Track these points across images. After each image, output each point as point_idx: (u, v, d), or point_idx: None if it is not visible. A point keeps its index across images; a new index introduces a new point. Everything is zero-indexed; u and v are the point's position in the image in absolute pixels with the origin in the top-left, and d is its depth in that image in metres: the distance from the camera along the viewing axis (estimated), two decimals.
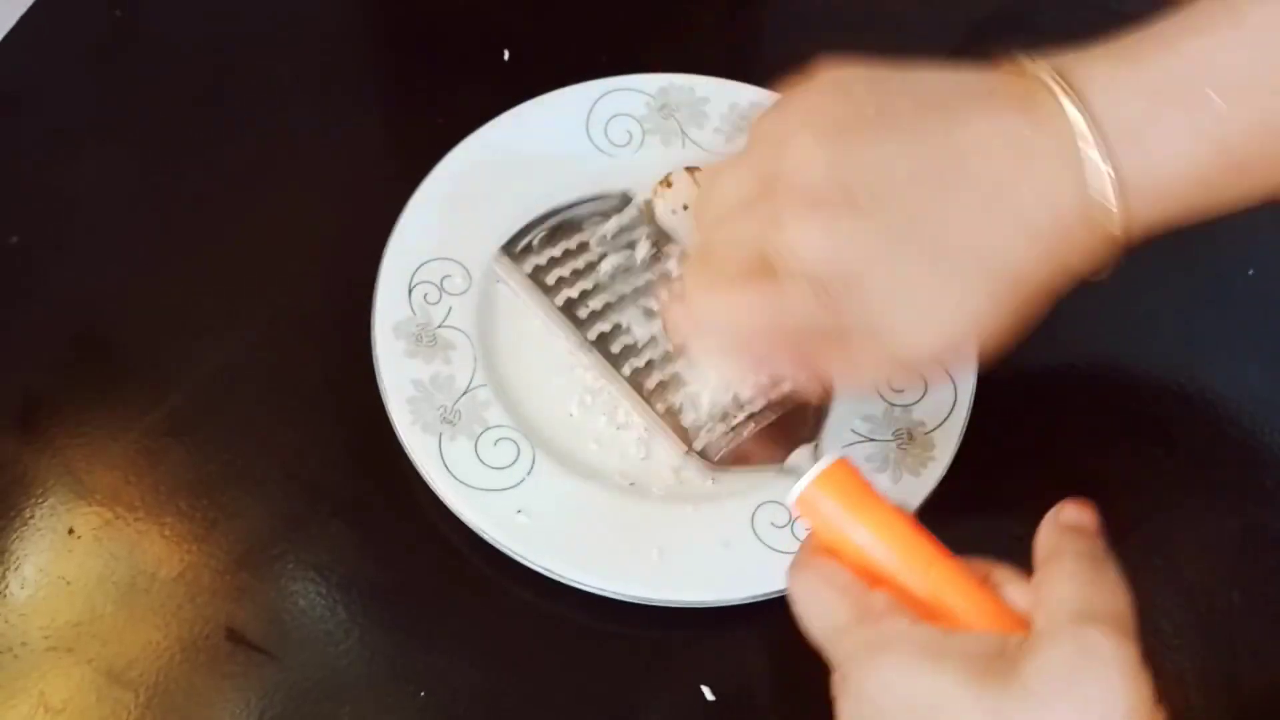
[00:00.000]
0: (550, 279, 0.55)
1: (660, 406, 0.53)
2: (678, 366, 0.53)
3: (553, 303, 0.55)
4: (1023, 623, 0.43)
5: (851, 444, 0.59)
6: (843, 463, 0.48)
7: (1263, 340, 0.66)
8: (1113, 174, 0.42)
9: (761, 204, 0.44)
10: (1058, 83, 0.42)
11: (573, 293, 0.55)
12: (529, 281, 0.55)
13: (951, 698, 0.40)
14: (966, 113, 0.43)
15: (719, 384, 0.54)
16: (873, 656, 0.42)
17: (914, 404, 0.60)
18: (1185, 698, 0.57)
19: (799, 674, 0.45)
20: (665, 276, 0.58)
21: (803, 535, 0.56)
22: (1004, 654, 0.41)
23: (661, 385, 0.53)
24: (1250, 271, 0.68)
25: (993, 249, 0.43)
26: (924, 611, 0.44)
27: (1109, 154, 0.42)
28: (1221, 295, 0.67)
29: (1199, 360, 0.65)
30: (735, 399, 0.53)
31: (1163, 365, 0.65)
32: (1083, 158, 0.42)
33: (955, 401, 0.60)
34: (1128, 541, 0.60)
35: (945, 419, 0.60)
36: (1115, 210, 0.43)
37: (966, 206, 0.43)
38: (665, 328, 0.50)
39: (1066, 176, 0.42)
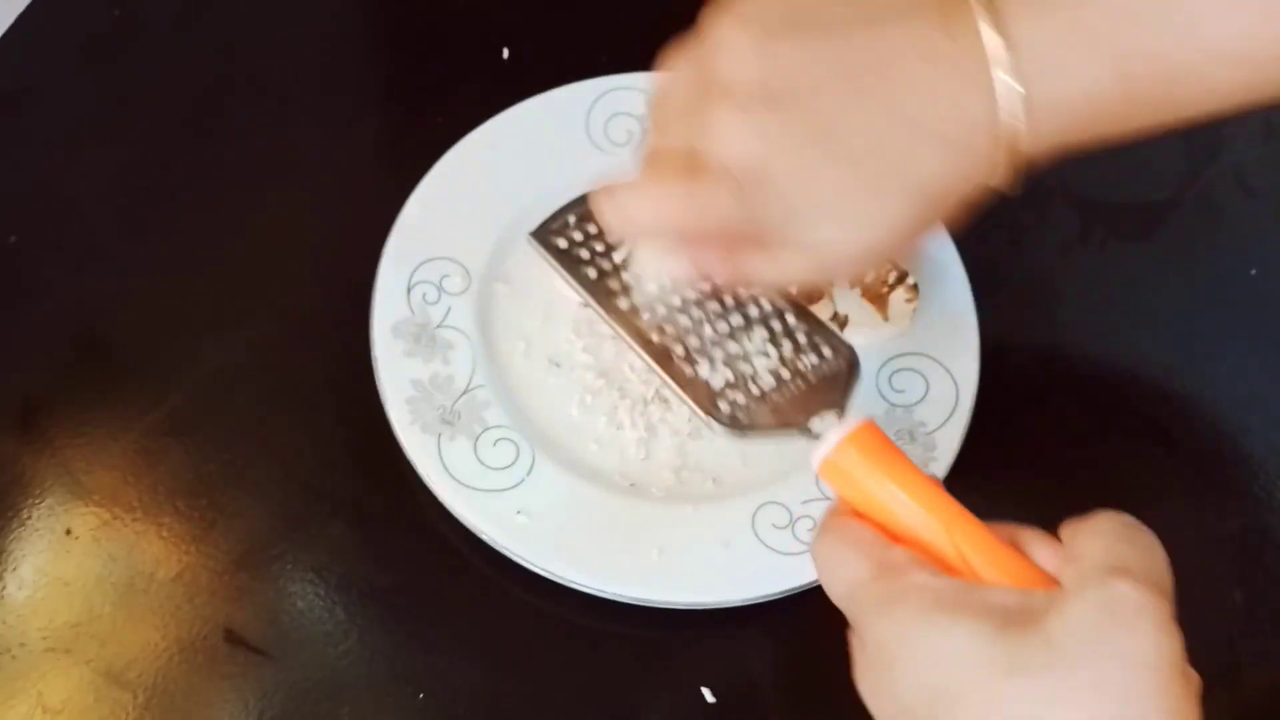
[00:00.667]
0: (583, 254, 0.55)
1: (686, 374, 0.52)
2: (706, 335, 0.54)
3: (585, 277, 0.54)
4: (1050, 582, 0.42)
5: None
6: (869, 424, 0.47)
7: (1263, 340, 0.66)
8: (1022, 92, 0.43)
9: (697, 105, 0.45)
10: (981, 3, 0.43)
11: (605, 266, 0.55)
12: (561, 259, 0.55)
13: (966, 649, 0.39)
14: (890, 24, 0.44)
15: (658, 273, 0.54)
16: (888, 607, 0.41)
17: (915, 404, 0.60)
18: None
19: (799, 675, 0.45)
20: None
21: (805, 537, 0.56)
22: (1027, 608, 0.39)
23: (687, 354, 0.53)
24: (1252, 271, 0.68)
25: (904, 156, 0.44)
26: (949, 569, 0.43)
27: (1020, 75, 0.43)
28: (1222, 295, 0.67)
29: (1199, 360, 0.65)
30: (758, 364, 0.53)
31: (1163, 365, 0.65)
32: (993, 76, 0.43)
33: (957, 402, 0.60)
34: None
35: (947, 419, 0.60)
36: (1022, 128, 0.43)
37: (882, 112, 0.44)
38: (597, 219, 0.51)
39: (977, 92, 0.43)
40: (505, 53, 0.71)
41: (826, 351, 0.53)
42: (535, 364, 0.61)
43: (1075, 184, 0.69)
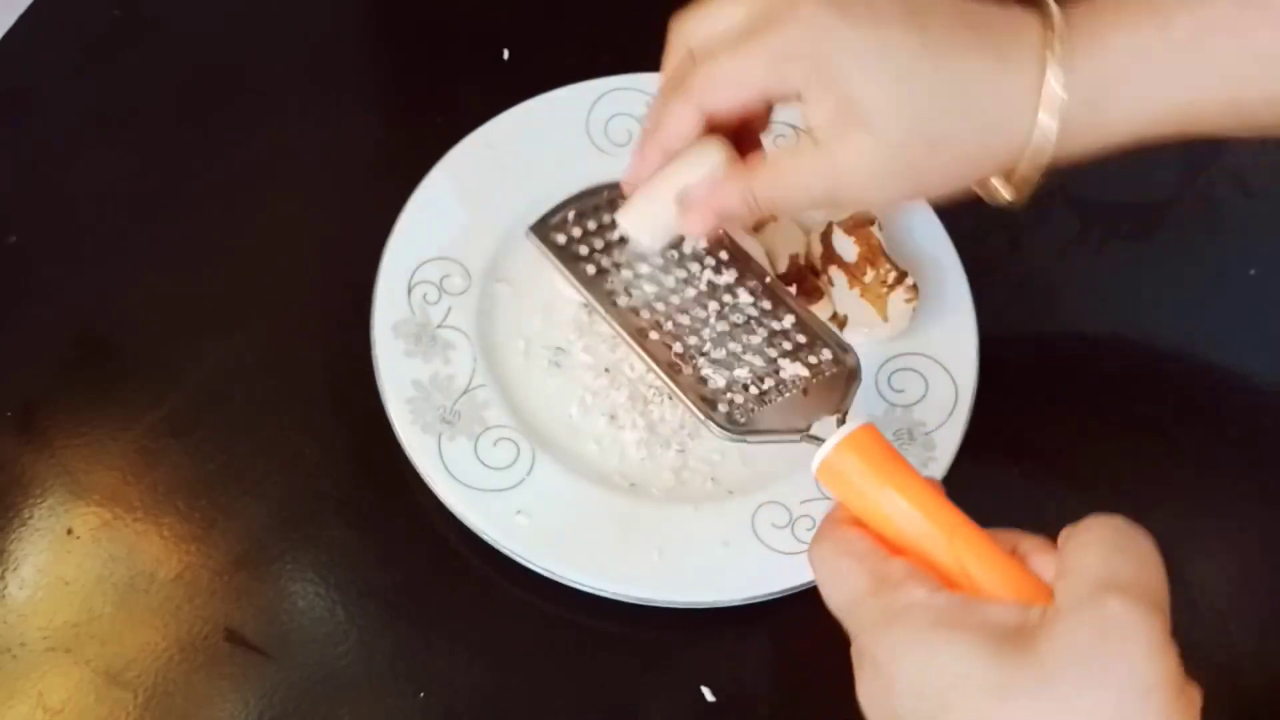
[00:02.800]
0: (581, 250, 0.55)
1: (684, 374, 0.52)
2: (705, 335, 0.53)
3: (583, 273, 0.54)
4: (1048, 593, 0.41)
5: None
6: (868, 428, 0.47)
7: (1264, 340, 0.66)
8: (1058, 118, 0.47)
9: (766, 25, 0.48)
10: (1053, 46, 0.46)
11: (602, 263, 0.55)
12: (558, 254, 0.55)
13: (963, 670, 0.39)
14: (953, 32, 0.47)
15: (655, 228, 0.54)
16: (888, 625, 0.41)
17: (915, 404, 0.60)
18: None
19: (799, 675, 0.45)
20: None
21: (805, 536, 0.56)
22: (1023, 626, 0.39)
23: (686, 353, 0.53)
24: (1251, 271, 0.68)
25: (967, 127, 0.47)
26: (947, 580, 0.43)
27: (1067, 116, 0.46)
28: (1221, 295, 0.67)
29: (1199, 360, 0.65)
30: (757, 366, 0.53)
31: (1163, 364, 0.65)
32: (1045, 104, 0.46)
33: (956, 402, 0.60)
34: None
35: (946, 419, 0.60)
36: (1051, 150, 0.47)
37: (952, 82, 0.47)
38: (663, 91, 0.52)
39: (1027, 112, 0.47)
40: (505, 53, 0.71)
41: (827, 354, 0.53)
42: (535, 364, 0.61)
43: (1075, 184, 0.69)
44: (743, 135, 0.53)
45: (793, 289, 0.61)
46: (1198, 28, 0.46)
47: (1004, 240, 0.68)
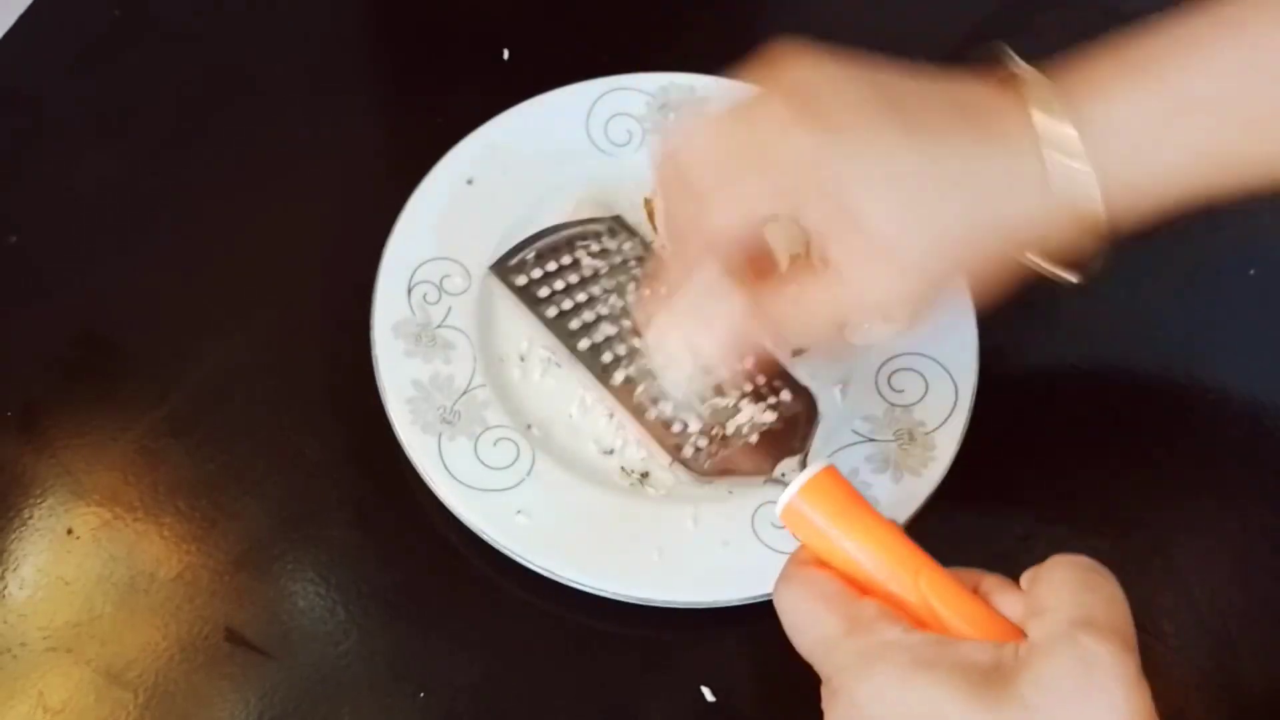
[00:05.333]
0: (541, 293, 0.56)
1: (649, 416, 0.53)
2: (666, 378, 0.54)
3: (544, 315, 0.55)
4: (1016, 632, 0.42)
5: (852, 444, 0.59)
6: (829, 471, 0.47)
7: (1263, 340, 0.66)
8: (1096, 180, 0.45)
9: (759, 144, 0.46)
10: (1050, 105, 0.45)
11: (564, 305, 0.56)
12: (520, 295, 0.56)
13: (947, 709, 0.39)
14: (937, 125, 0.46)
15: (691, 369, 0.54)
16: (865, 666, 0.41)
17: (915, 404, 0.60)
18: (1186, 698, 0.57)
19: (799, 675, 0.45)
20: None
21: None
22: (1000, 665, 0.40)
23: (650, 396, 0.54)
24: (1251, 271, 0.68)
25: (976, 214, 0.46)
26: (915, 620, 0.43)
27: (1098, 167, 0.45)
28: (1222, 295, 0.67)
29: (1199, 360, 0.65)
30: (720, 408, 0.53)
31: (1163, 365, 0.65)
32: (1063, 170, 0.45)
33: (956, 402, 0.60)
34: (1128, 541, 0.60)
35: (946, 419, 0.60)
36: (1100, 212, 0.46)
37: (961, 185, 0.46)
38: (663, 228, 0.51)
39: (1032, 184, 0.45)
40: (505, 53, 0.71)
41: (786, 395, 0.54)
42: (535, 364, 0.61)
43: None
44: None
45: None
46: (1199, 85, 0.45)
47: None
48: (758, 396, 0.54)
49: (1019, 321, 0.66)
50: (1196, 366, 0.65)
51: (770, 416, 0.53)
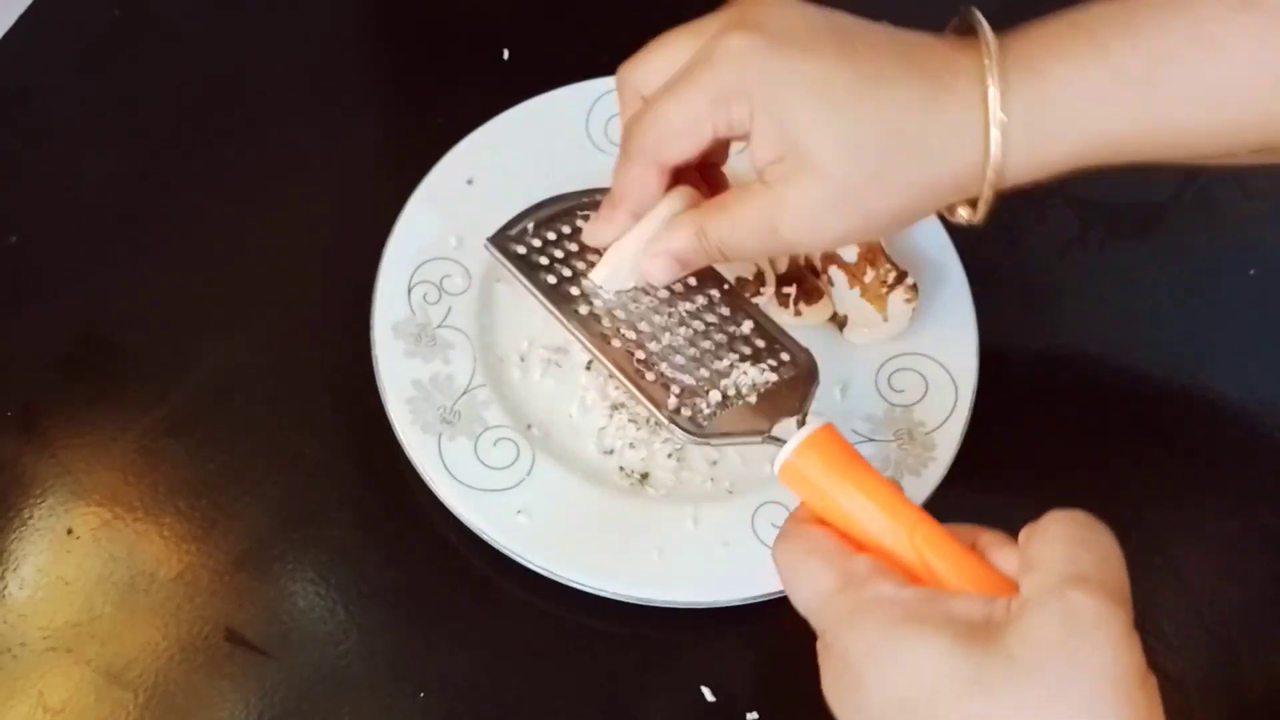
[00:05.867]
0: (541, 260, 0.55)
1: (647, 378, 0.53)
2: (665, 342, 0.54)
3: (543, 283, 0.55)
4: (1011, 587, 0.42)
5: (852, 444, 0.59)
6: (827, 428, 0.47)
7: (1263, 340, 0.66)
8: (1001, 155, 0.46)
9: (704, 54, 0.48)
10: (992, 71, 0.46)
11: (564, 273, 0.55)
12: (517, 265, 0.55)
13: (933, 663, 0.39)
14: (894, 74, 0.47)
15: (619, 276, 0.54)
16: (856, 620, 0.41)
17: (915, 404, 0.61)
18: (1185, 697, 0.57)
19: (799, 675, 0.45)
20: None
21: None
22: (990, 619, 0.40)
23: (648, 358, 0.53)
24: (1251, 271, 0.68)
25: (910, 161, 0.47)
26: (910, 576, 0.43)
27: (1008, 139, 0.46)
28: (1222, 295, 0.67)
29: (1199, 360, 0.65)
30: (718, 369, 0.53)
31: (1163, 365, 0.65)
32: (990, 138, 0.46)
33: (956, 402, 0.60)
34: (1128, 541, 0.60)
35: (946, 419, 0.60)
36: (991, 184, 0.47)
37: (890, 114, 0.46)
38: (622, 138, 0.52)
39: (970, 144, 0.46)
40: (505, 53, 0.71)
41: (785, 356, 0.54)
42: (535, 364, 0.61)
43: (1075, 184, 0.69)
44: (713, 175, 0.54)
45: (792, 289, 0.61)
46: (1139, 58, 0.45)
47: (1004, 240, 0.68)
48: (757, 357, 0.53)
49: (1019, 322, 0.66)
50: (1196, 366, 0.65)
51: (770, 377, 0.53)
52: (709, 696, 0.56)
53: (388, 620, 0.57)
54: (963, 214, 0.49)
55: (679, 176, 0.52)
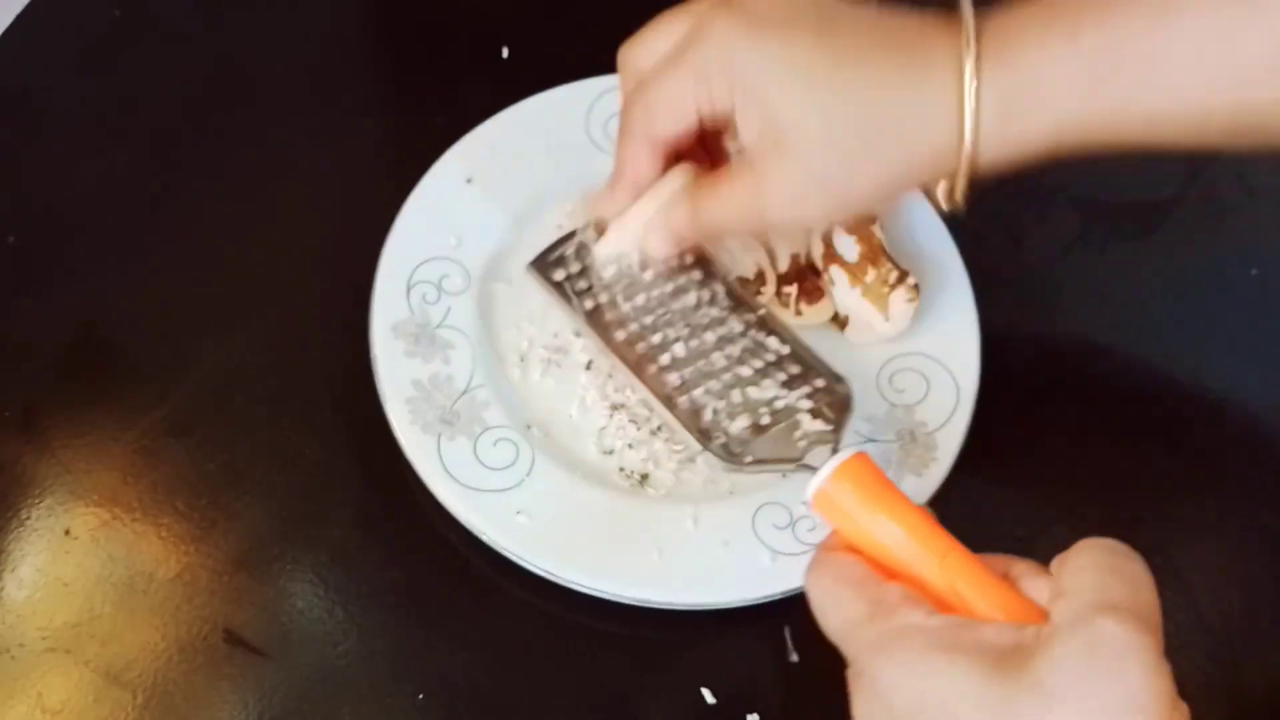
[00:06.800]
0: (580, 286, 0.56)
1: (681, 405, 0.53)
2: (700, 367, 0.54)
3: (582, 309, 0.55)
4: (1042, 615, 0.42)
5: (853, 445, 0.59)
6: (860, 456, 0.48)
7: (1265, 340, 0.66)
8: (969, 133, 0.47)
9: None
10: (969, 55, 0.46)
11: (601, 299, 0.56)
12: (558, 291, 0.56)
13: (962, 691, 0.39)
14: (872, 52, 0.48)
15: (618, 253, 0.56)
16: (886, 649, 0.42)
17: (916, 404, 0.60)
18: (1186, 698, 0.57)
19: (799, 675, 0.45)
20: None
21: (805, 537, 0.56)
22: (1019, 646, 0.40)
23: (683, 384, 0.54)
24: (1253, 271, 0.68)
25: (886, 141, 0.48)
26: (940, 604, 0.43)
27: (981, 122, 0.47)
28: (1224, 295, 0.67)
29: (1201, 360, 0.65)
30: (752, 397, 0.53)
31: (1164, 365, 0.65)
32: (965, 121, 0.47)
33: (958, 402, 0.60)
34: (1128, 541, 0.60)
35: (948, 419, 0.60)
36: (965, 167, 0.48)
37: (865, 96, 0.47)
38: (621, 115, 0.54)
39: (945, 125, 0.47)
40: (505, 52, 0.71)
41: (820, 383, 0.54)
42: (535, 364, 0.61)
43: (1075, 184, 0.69)
44: (715, 153, 0.55)
45: (793, 288, 0.61)
46: (1108, 42, 0.46)
47: (1006, 240, 0.68)
48: (791, 383, 0.54)
49: (1021, 321, 0.66)
50: (1197, 366, 0.65)
51: (805, 404, 0.53)
52: (709, 697, 0.56)
53: (388, 620, 0.57)
54: (941, 200, 0.50)
55: (686, 155, 0.54)
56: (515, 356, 0.61)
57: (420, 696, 0.55)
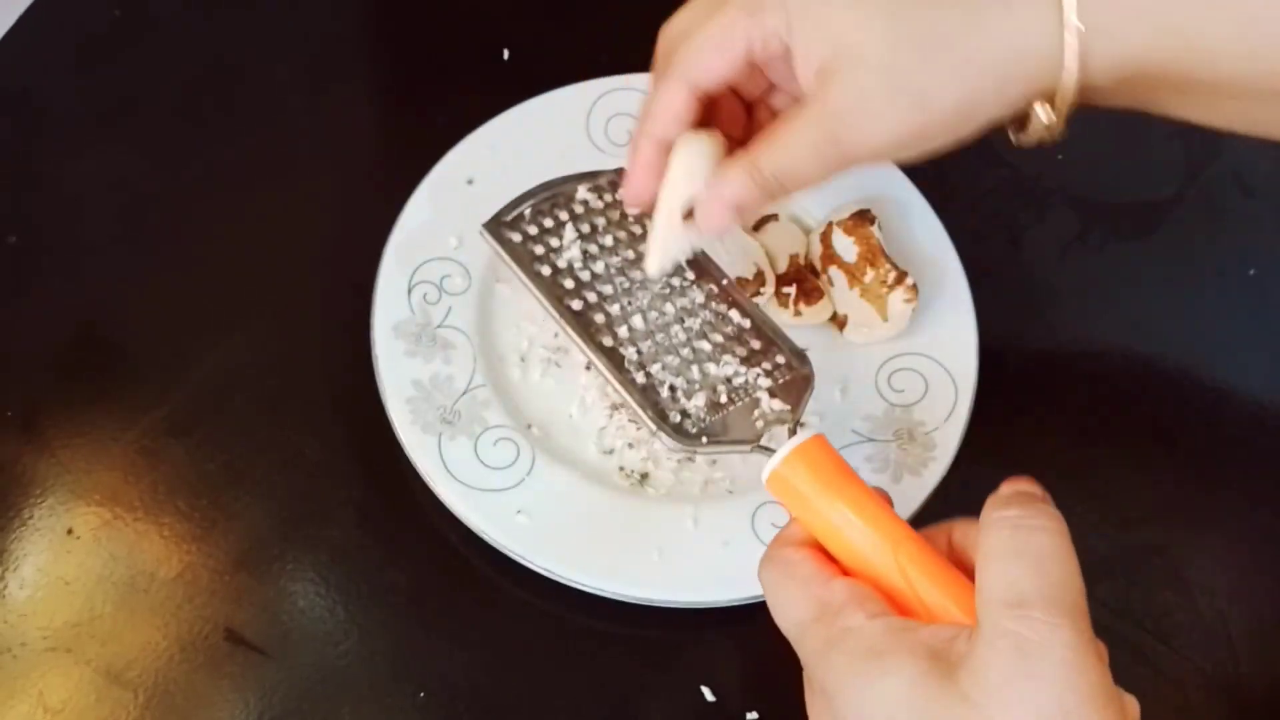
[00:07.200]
0: (537, 250, 0.54)
1: (636, 380, 0.51)
2: (658, 340, 0.53)
3: (537, 274, 0.53)
4: None
5: (852, 444, 0.59)
6: (818, 439, 0.47)
7: (1263, 340, 0.66)
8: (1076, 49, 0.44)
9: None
10: None
11: (559, 264, 0.54)
12: (511, 254, 0.54)
13: (895, 698, 0.39)
14: None
15: (677, 244, 0.52)
16: (827, 653, 0.41)
17: (915, 404, 0.60)
18: (1185, 698, 0.57)
19: (799, 675, 0.45)
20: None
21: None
22: (952, 654, 0.39)
23: (640, 359, 0.52)
24: (1251, 271, 0.68)
25: (953, 52, 0.45)
26: (893, 595, 0.43)
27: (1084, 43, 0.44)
28: (1222, 295, 0.67)
29: (1199, 360, 0.65)
30: (711, 373, 0.52)
31: (1163, 364, 0.65)
32: (1064, 40, 0.44)
33: (956, 402, 0.60)
34: (1128, 541, 0.60)
35: (946, 419, 0.60)
36: (1072, 67, 0.45)
37: (952, 24, 0.45)
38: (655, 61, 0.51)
39: (1038, 28, 0.45)
40: (505, 53, 0.71)
41: (781, 359, 0.53)
42: (535, 364, 0.61)
43: (1075, 184, 0.69)
44: (735, 122, 0.52)
45: (792, 289, 0.61)
46: None
47: (1004, 240, 0.68)
48: (752, 359, 0.52)
49: (1019, 321, 0.66)
50: (1197, 366, 0.65)
51: (764, 382, 0.52)
52: (709, 696, 0.56)
53: (388, 620, 0.57)
54: (1040, 115, 0.47)
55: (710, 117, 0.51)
56: (516, 356, 0.61)
57: (420, 696, 0.55)
